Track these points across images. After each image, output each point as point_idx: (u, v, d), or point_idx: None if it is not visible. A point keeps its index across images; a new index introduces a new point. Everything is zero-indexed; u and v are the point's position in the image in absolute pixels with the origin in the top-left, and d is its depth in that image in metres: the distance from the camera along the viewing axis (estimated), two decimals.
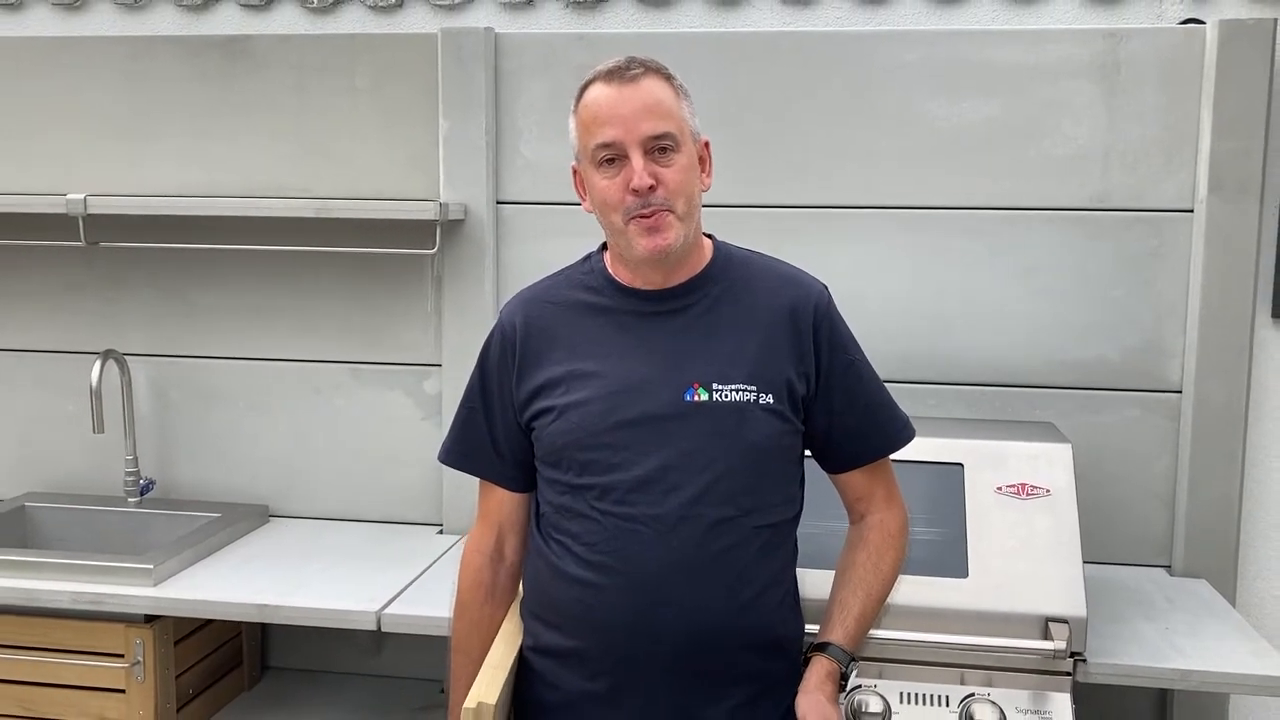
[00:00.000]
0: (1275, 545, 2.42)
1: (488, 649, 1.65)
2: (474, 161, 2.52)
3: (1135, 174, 2.33)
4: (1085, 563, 1.98)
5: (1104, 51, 2.31)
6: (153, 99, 2.64)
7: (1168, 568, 2.40)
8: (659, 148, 1.47)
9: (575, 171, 1.58)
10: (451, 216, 2.49)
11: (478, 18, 2.60)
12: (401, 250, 2.54)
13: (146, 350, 2.70)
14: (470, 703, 1.48)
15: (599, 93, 1.50)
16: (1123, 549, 2.40)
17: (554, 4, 2.59)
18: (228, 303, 2.68)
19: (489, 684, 1.52)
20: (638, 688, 1.51)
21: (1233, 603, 2.31)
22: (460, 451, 1.68)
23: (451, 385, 2.59)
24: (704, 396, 1.51)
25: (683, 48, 2.39)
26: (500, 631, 1.65)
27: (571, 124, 1.54)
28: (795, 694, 1.55)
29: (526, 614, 1.63)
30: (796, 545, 1.61)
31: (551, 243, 2.52)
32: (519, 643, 1.62)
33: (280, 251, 2.61)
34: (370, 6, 2.66)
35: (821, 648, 1.55)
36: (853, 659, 1.56)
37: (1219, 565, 2.34)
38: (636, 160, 1.47)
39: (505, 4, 2.60)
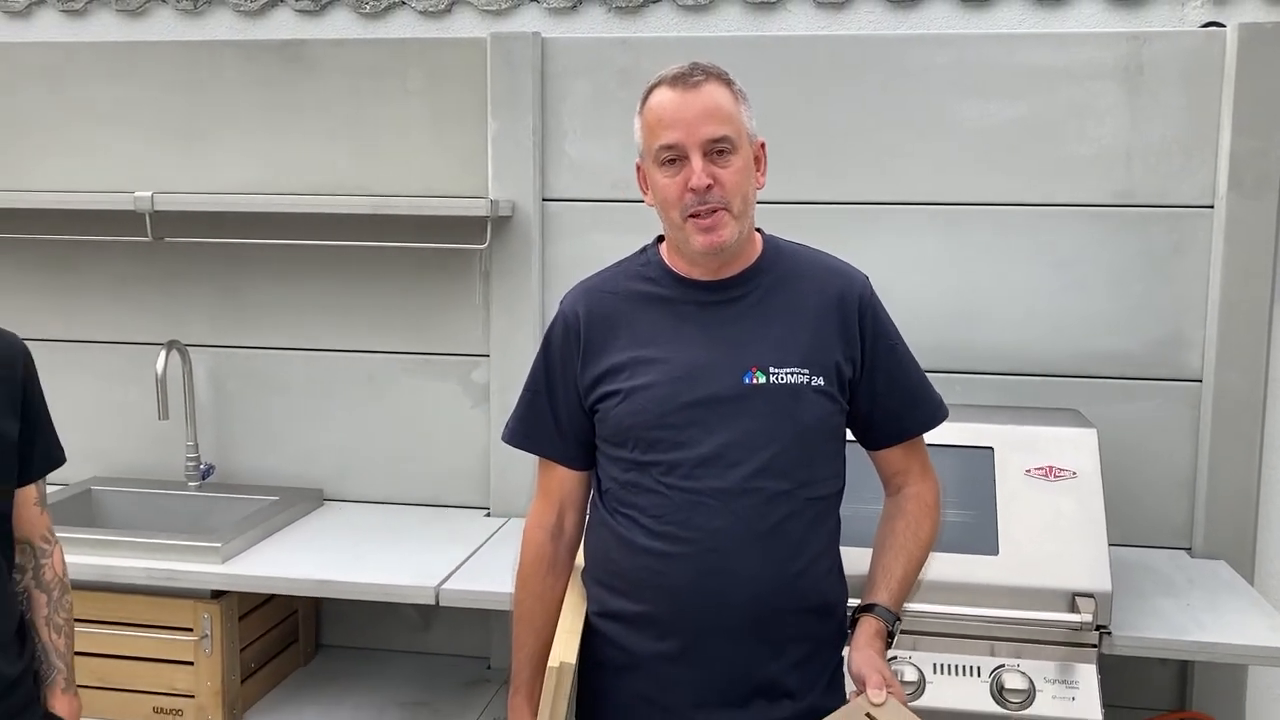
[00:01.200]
0: None
1: (549, 618, 1.76)
2: (521, 160, 2.63)
3: (1157, 172, 2.43)
4: (1110, 544, 2.09)
5: (1128, 54, 2.41)
6: (213, 101, 2.76)
7: (1188, 549, 2.49)
8: (717, 150, 1.58)
9: (639, 168, 1.68)
10: (500, 213, 2.60)
11: (524, 22, 2.71)
12: (452, 245, 2.66)
13: (207, 341, 2.83)
14: (554, 662, 1.59)
15: (663, 96, 1.60)
16: (1145, 532, 2.50)
17: (597, 9, 2.70)
18: (284, 296, 2.80)
19: (566, 646, 1.63)
20: (704, 647, 1.62)
21: (1251, 582, 2.41)
22: (524, 432, 1.79)
23: (499, 375, 2.71)
24: (762, 379, 1.62)
25: (721, 51, 2.47)
26: (566, 600, 1.76)
27: (637, 124, 1.65)
28: (842, 652, 1.66)
29: (591, 582, 1.74)
30: (840, 519, 1.72)
31: (594, 237, 2.63)
32: (585, 609, 1.73)
33: (334, 247, 2.73)
34: (420, 12, 2.77)
35: (868, 608, 1.66)
36: (897, 618, 1.67)
37: (1237, 547, 2.44)
38: (696, 161, 1.57)
39: (550, 9, 2.71)
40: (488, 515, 2.74)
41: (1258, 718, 2.51)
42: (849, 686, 1.63)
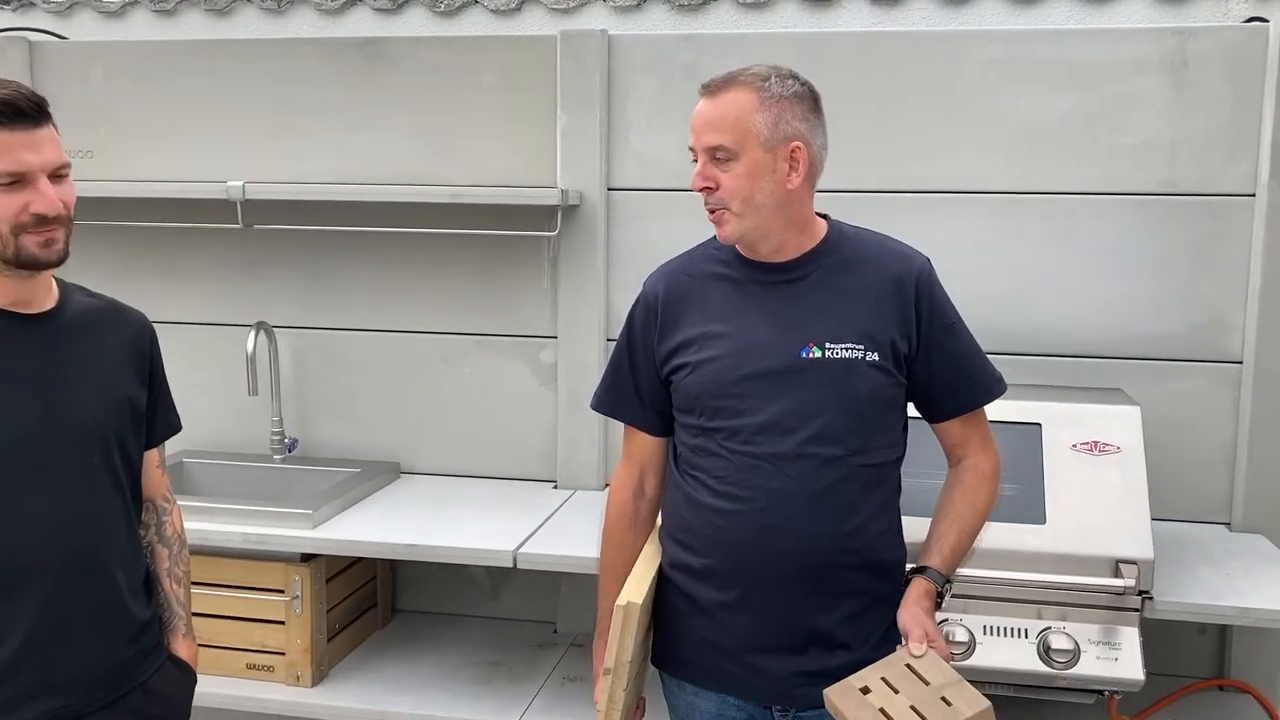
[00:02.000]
0: None
1: (630, 570, 1.91)
2: (588, 151, 2.78)
3: (1201, 161, 2.53)
4: (1152, 519, 2.20)
5: (1173, 49, 2.51)
6: (298, 96, 2.92)
7: (1228, 524, 2.60)
8: (716, 157, 1.73)
9: None
10: (570, 202, 2.75)
11: (591, 20, 2.86)
12: (524, 233, 2.81)
13: (292, 322, 3.00)
14: (621, 601, 1.74)
15: (698, 103, 1.77)
16: (1186, 507, 2.61)
17: (661, 6, 2.83)
18: (364, 280, 2.96)
19: (634, 588, 1.78)
20: (761, 598, 1.76)
21: None
22: (610, 401, 1.94)
23: (566, 355, 2.86)
24: (818, 354, 1.75)
25: (779, 47, 2.61)
26: (642, 552, 1.91)
27: None
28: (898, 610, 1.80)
29: (665, 537, 1.89)
30: (900, 484, 1.85)
31: (657, 224, 2.77)
32: (658, 561, 1.88)
33: (411, 234, 2.89)
34: (492, 10, 2.92)
35: (921, 570, 1.79)
36: (948, 580, 1.80)
37: (1276, 521, 2.54)
38: (698, 165, 1.75)
39: (616, 7, 2.85)
40: (555, 488, 2.90)
41: None
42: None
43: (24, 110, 1.61)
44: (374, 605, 2.94)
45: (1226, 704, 2.55)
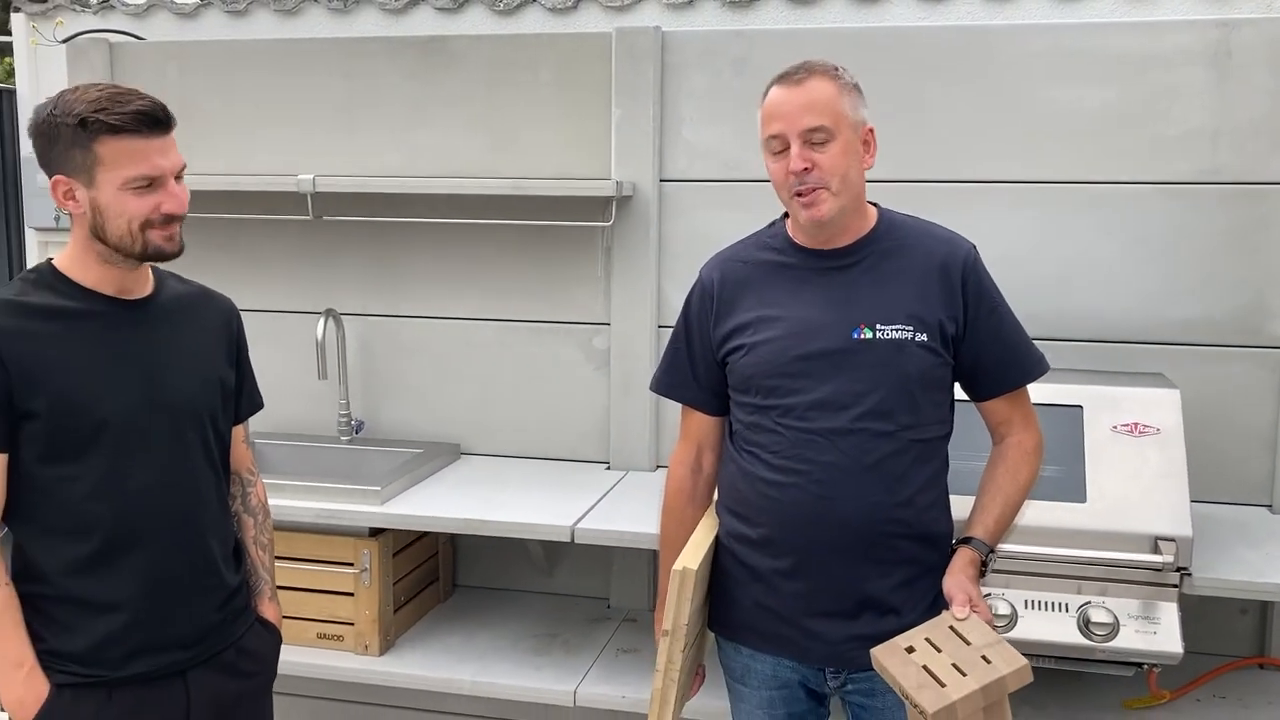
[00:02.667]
0: None
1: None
2: (641, 144, 2.88)
3: (1244, 151, 2.58)
4: (1193, 501, 2.26)
5: (1216, 40, 2.56)
6: (364, 92, 3.05)
7: (1269, 506, 2.65)
8: (813, 140, 1.81)
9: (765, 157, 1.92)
10: (623, 193, 2.85)
11: (644, 17, 2.96)
12: (579, 223, 2.92)
13: (358, 310, 3.13)
14: (678, 566, 1.85)
15: (774, 94, 1.85)
16: (1228, 489, 2.66)
17: (712, 3, 2.93)
18: (426, 268, 3.09)
19: (691, 554, 1.89)
20: (815, 565, 1.86)
21: None
22: (668, 382, 2.04)
23: (618, 341, 2.97)
24: (869, 335, 1.85)
25: (828, 41, 2.70)
26: (699, 524, 2.02)
27: (758, 118, 1.89)
28: None
29: (722, 510, 1.99)
30: (948, 460, 1.93)
31: (707, 214, 2.87)
32: (715, 531, 1.98)
33: (471, 224, 3.01)
34: (549, 9, 3.03)
35: (966, 541, 1.88)
36: (991, 550, 1.88)
37: None
38: (794, 148, 1.82)
39: (669, 4, 2.95)
40: (608, 469, 3.01)
41: None
42: None
43: (160, 119, 1.76)
44: (436, 580, 3.07)
45: (1268, 682, 2.61)
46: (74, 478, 1.77)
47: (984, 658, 1.68)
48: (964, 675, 1.66)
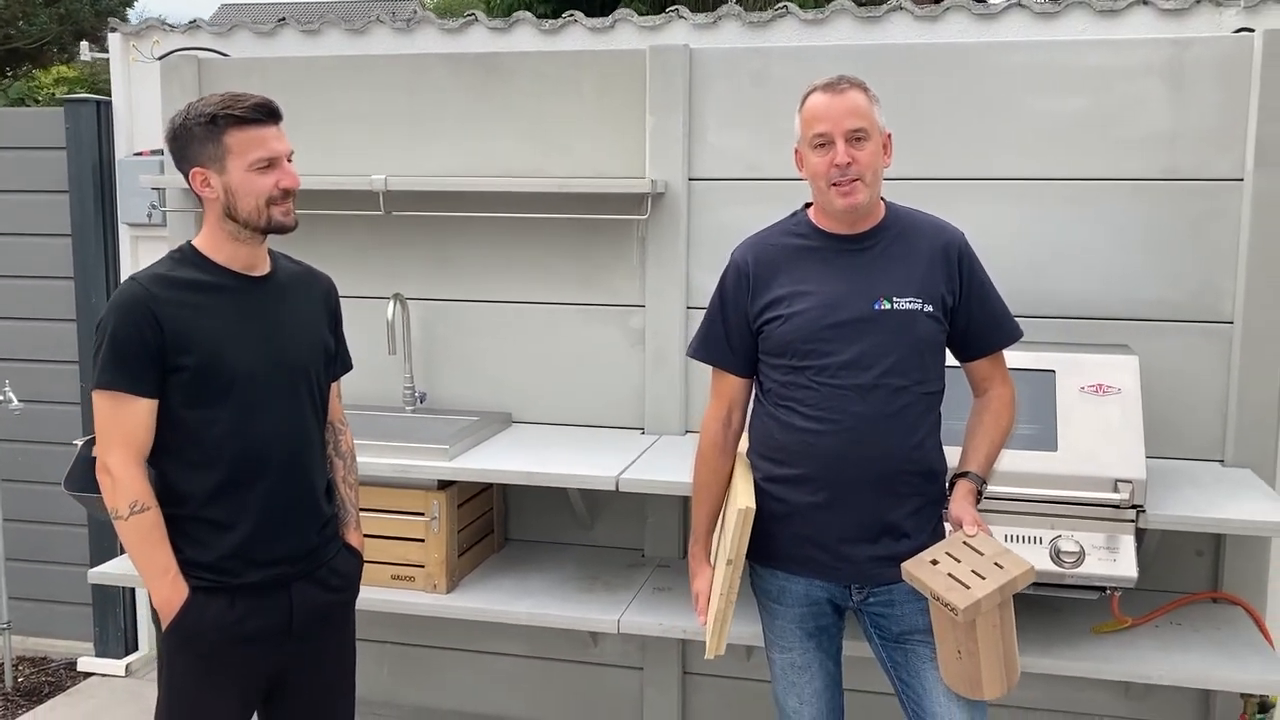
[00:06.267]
0: None
1: (720, 488, 2.40)
2: (672, 147, 3.28)
3: (1197, 151, 2.97)
4: (1153, 457, 2.63)
5: (1172, 57, 2.95)
6: (427, 103, 3.45)
7: (1221, 461, 3.04)
8: (855, 137, 2.19)
9: (797, 152, 2.30)
10: (657, 190, 3.25)
11: (674, 36, 3.36)
12: (617, 217, 3.32)
13: (421, 294, 3.53)
14: (742, 505, 2.21)
15: (818, 99, 2.23)
16: (1186, 446, 3.05)
17: (734, 23, 3.33)
18: (482, 258, 3.49)
19: (747, 496, 2.26)
20: (845, 498, 2.23)
21: (1272, 485, 2.95)
22: (705, 349, 2.42)
23: (652, 322, 3.36)
24: (888, 305, 2.23)
25: (836, 57, 3.10)
26: (737, 471, 2.39)
27: (797, 120, 2.27)
28: (944, 506, 2.27)
29: (756, 457, 2.37)
30: (940, 412, 2.32)
31: (732, 209, 3.26)
32: (753, 477, 2.37)
33: (522, 218, 3.41)
34: (589, 29, 3.44)
35: (963, 474, 2.27)
36: (984, 481, 2.28)
37: (1261, 457, 2.98)
38: (840, 145, 2.19)
39: (696, 24, 3.35)
40: (643, 433, 3.40)
41: (1278, 597, 3.06)
42: (948, 531, 2.25)
43: (274, 110, 2.18)
44: (491, 532, 3.47)
45: (1219, 613, 2.99)
46: (212, 421, 2.16)
47: (997, 564, 2.07)
48: (983, 579, 2.05)
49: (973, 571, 2.08)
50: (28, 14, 16.85)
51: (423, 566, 3.15)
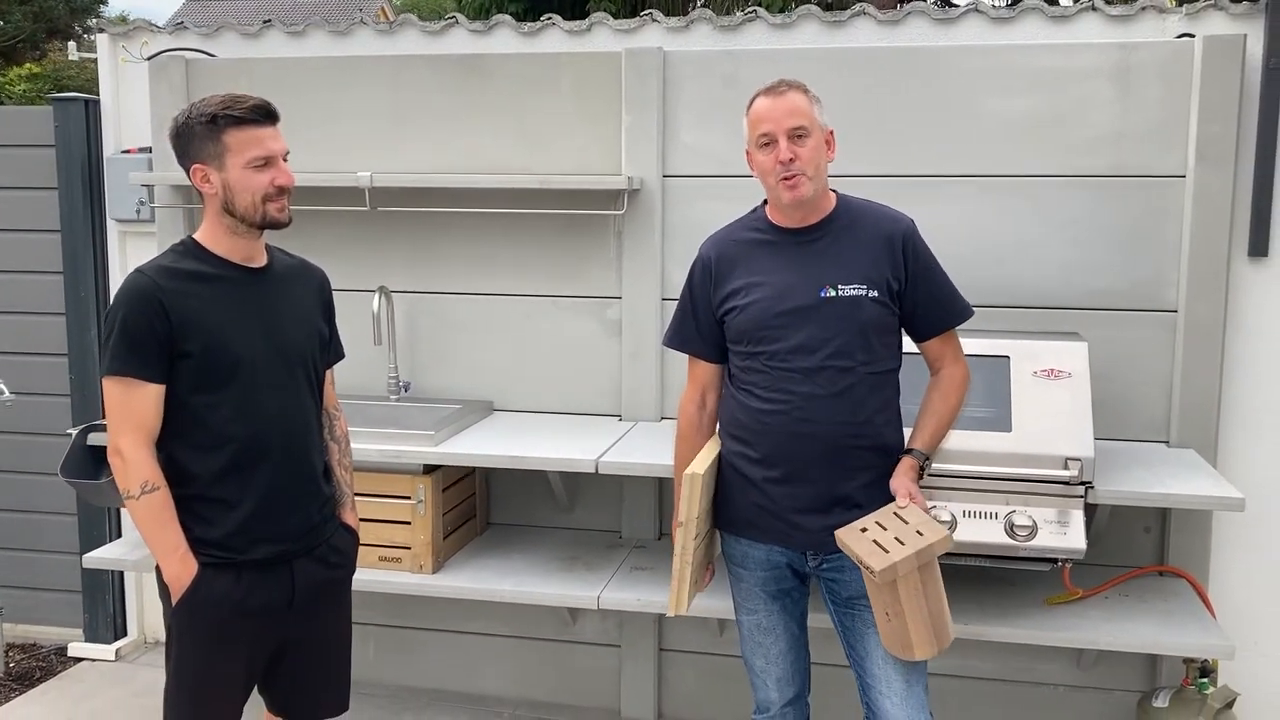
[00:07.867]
0: (1244, 423, 3.23)
1: None
2: (647, 146, 3.42)
3: (1142, 149, 3.15)
4: (1104, 439, 2.79)
5: (1119, 59, 3.12)
6: (410, 102, 3.58)
7: (1166, 442, 3.22)
8: (796, 135, 2.35)
9: (748, 153, 2.46)
10: (633, 187, 3.39)
11: (649, 38, 3.50)
12: (594, 212, 3.46)
13: (405, 287, 3.66)
14: (687, 472, 2.38)
15: (761, 102, 2.39)
16: (1133, 428, 3.23)
17: (706, 27, 3.47)
18: (464, 252, 3.62)
19: (698, 463, 2.42)
20: (798, 472, 2.40)
21: (1214, 464, 3.14)
22: (678, 338, 2.58)
23: (628, 313, 3.51)
24: (833, 293, 2.39)
25: (803, 60, 3.26)
26: (705, 446, 2.56)
27: (744, 123, 2.43)
28: None
29: (724, 435, 2.53)
30: (898, 388, 2.47)
31: (705, 205, 3.41)
32: (717, 450, 2.52)
33: (503, 214, 3.54)
34: (567, 31, 3.57)
35: (908, 451, 2.44)
36: (927, 457, 2.44)
37: (1204, 439, 3.17)
38: (782, 143, 2.35)
39: (669, 29, 3.49)
40: (620, 420, 3.55)
41: (1219, 570, 3.25)
42: None
43: (271, 112, 2.30)
44: (473, 516, 3.61)
45: (1164, 585, 3.18)
46: (217, 405, 2.28)
47: (918, 532, 2.24)
48: (903, 544, 2.22)
49: (895, 538, 2.24)
50: (2, 12, 16.80)
51: (409, 548, 3.28)
